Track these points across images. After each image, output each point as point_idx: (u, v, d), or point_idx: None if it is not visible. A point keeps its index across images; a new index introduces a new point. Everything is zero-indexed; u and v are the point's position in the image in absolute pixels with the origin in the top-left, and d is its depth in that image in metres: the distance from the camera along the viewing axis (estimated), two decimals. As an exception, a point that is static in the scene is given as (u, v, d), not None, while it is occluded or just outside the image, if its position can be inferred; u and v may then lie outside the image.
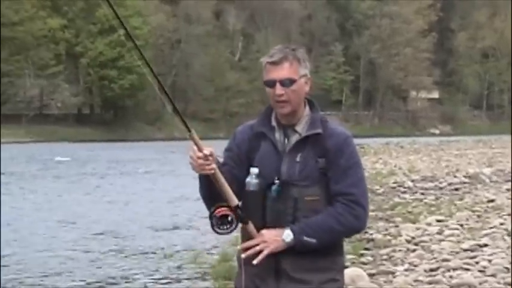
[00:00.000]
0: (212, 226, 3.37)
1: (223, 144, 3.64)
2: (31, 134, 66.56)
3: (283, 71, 3.43)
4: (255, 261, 3.38)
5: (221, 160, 3.52)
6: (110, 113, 79.50)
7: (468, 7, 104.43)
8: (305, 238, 3.37)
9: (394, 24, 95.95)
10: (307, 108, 3.52)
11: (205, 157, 3.30)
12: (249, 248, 3.41)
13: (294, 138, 3.48)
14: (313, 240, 3.38)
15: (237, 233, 3.49)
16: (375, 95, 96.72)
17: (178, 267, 11.42)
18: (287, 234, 3.38)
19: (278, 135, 3.49)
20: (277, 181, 3.43)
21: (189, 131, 3.30)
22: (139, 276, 10.94)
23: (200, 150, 3.30)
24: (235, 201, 3.38)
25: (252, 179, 3.43)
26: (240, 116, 79.00)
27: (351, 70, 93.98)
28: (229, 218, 3.35)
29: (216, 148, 3.41)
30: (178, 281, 10.61)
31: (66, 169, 32.26)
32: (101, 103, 79.02)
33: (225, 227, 3.37)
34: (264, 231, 3.40)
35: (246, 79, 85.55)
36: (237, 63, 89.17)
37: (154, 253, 12.71)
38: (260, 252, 3.38)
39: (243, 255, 3.42)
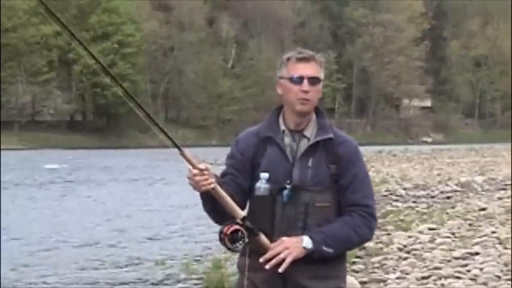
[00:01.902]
0: (226, 247, 3.28)
1: (216, 151, 3.64)
2: (23, 140, 66.42)
3: (312, 69, 3.43)
4: (280, 269, 3.29)
5: (223, 167, 3.50)
6: (103, 120, 79.39)
7: (460, 16, 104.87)
8: (324, 248, 3.34)
9: (386, 33, 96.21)
10: (313, 113, 3.50)
11: (201, 172, 3.22)
12: (271, 259, 3.30)
13: (304, 143, 3.44)
14: (331, 250, 3.35)
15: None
16: (368, 103, 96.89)
17: (170, 276, 11.38)
18: (307, 242, 3.32)
19: (288, 140, 3.45)
20: (288, 186, 3.38)
21: (180, 150, 3.24)
22: (131, 285, 10.90)
23: (194, 167, 3.23)
24: (240, 213, 3.32)
25: (262, 184, 3.38)
26: (233, 123, 79.10)
27: (344, 78, 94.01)
28: (240, 233, 3.27)
29: (209, 155, 3.40)
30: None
31: (58, 176, 32.16)
32: (93, 110, 78.93)
33: (238, 243, 3.29)
34: (284, 238, 3.32)
35: (239, 86, 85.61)
36: (230, 71, 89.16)
37: (146, 261, 12.66)
38: (283, 260, 3.30)
39: (267, 266, 3.30)
